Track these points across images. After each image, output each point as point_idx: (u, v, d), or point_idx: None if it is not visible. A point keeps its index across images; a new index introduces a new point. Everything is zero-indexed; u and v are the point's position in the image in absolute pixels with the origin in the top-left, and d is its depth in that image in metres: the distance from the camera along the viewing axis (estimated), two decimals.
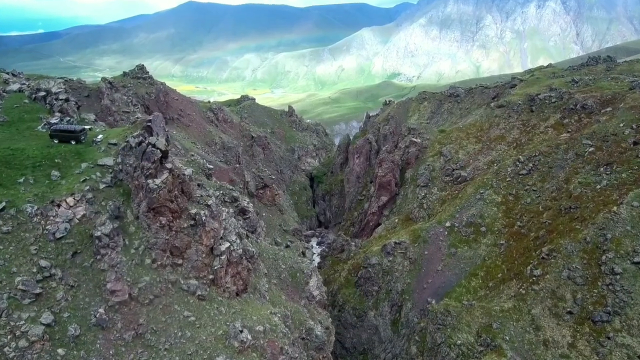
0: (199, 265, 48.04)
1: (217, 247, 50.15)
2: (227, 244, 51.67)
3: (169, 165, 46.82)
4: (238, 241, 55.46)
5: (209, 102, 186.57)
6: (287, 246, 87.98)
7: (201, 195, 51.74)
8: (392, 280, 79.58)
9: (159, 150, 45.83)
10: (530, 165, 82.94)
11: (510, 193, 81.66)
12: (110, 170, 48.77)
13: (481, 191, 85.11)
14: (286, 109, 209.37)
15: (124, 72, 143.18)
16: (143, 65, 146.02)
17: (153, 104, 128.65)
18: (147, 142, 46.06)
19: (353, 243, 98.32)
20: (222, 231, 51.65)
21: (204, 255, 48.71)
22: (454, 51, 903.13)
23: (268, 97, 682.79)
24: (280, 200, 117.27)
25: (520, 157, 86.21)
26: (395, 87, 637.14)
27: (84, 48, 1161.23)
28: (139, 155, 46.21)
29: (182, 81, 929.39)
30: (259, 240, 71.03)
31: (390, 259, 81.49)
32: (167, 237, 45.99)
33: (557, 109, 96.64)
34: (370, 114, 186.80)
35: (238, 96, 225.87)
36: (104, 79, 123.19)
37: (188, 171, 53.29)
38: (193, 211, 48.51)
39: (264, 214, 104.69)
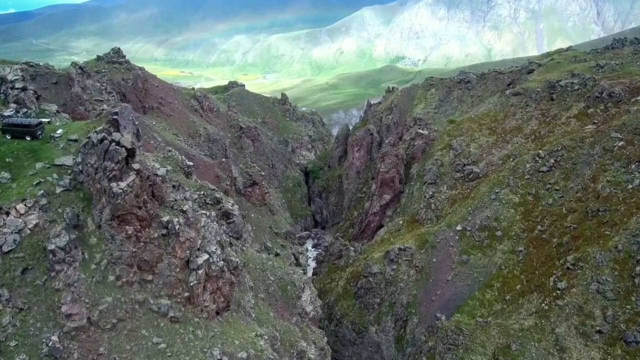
0: (171, 282, 45.24)
1: (194, 259, 47.32)
2: (206, 256, 48.84)
3: (136, 166, 43.75)
4: (219, 251, 52.67)
5: (193, 89, 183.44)
6: (277, 254, 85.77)
7: (175, 200, 48.81)
8: (396, 291, 77.51)
9: (124, 149, 42.72)
10: (552, 161, 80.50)
11: (529, 193, 79.39)
12: (69, 171, 45.79)
13: (496, 190, 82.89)
14: (279, 96, 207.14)
15: (97, 56, 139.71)
16: (119, 48, 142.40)
17: (130, 91, 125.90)
18: (110, 138, 42.95)
19: (352, 248, 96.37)
20: (199, 241, 48.82)
21: (177, 269, 45.91)
22: (464, 32, 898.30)
23: (260, 83, 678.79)
24: (271, 199, 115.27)
25: (540, 151, 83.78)
26: (399, 72, 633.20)
27: (59, 29, 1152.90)
28: (101, 154, 43.12)
29: (165, 65, 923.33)
30: (244, 248, 68.42)
31: (394, 267, 79.37)
32: (134, 250, 43.15)
33: (581, 97, 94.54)
34: (372, 102, 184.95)
35: (227, 82, 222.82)
36: (74, 64, 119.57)
37: (161, 171, 50.42)
38: (165, 218, 45.66)
39: (252, 215, 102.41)
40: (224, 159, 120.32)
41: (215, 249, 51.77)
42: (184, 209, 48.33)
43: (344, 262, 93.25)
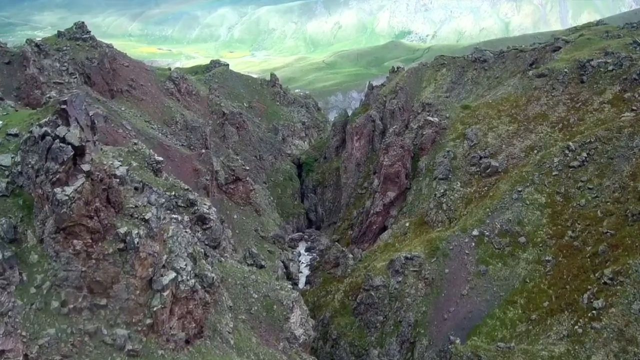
0: (130, 307, 42.05)
1: (158, 279, 44.04)
2: (173, 274, 45.60)
3: (86, 167, 40.31)
4: (190, 266, 49.53)
5: (169, 69, 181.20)
6: (262, 266, 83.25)
7: (136, 206, 45.45)
8: (402, 307, 75.16)
9: (70, 147, 39.30)
10: (584, 154, 78.30)
11: (557, 192, 77.31)
12: (7, 172, 42.48)
13: (519, 188, 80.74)
14: (269, 77, 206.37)
15: (58, 32, 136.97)
16: (83, 22, 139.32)
17: (96, 72, 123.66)
18: (53, 134, 39.54)
19: (350, 255, 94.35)
20: (165, 256, 45.60)
21: (138, 291, 42.68)
22: (478, 4, 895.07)
23: (248, 62, 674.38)
24: (257, 197, 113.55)
25: (570, 143, 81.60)
26: (405, 49, 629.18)
27: (20, 1, 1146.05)
28: (43, 152, 39.74)
29: (141, 41, 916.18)
30: (223, 259, 65.83)
31: (400, 279, 77.13)
32: (83, 269, 39.89)
33: (616, 80, 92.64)
34: (374, 84, 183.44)
35: (210, 60, 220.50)
36: (29, 41, 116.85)
37: (121, 170, 47.18)
38: (122, 230, 42.34)
39: (235, 216, 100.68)
40: (203, 150, 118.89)
41: (186, 265, 48.67)
42: (147, 217, 45.01)
43: (342, 271, 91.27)
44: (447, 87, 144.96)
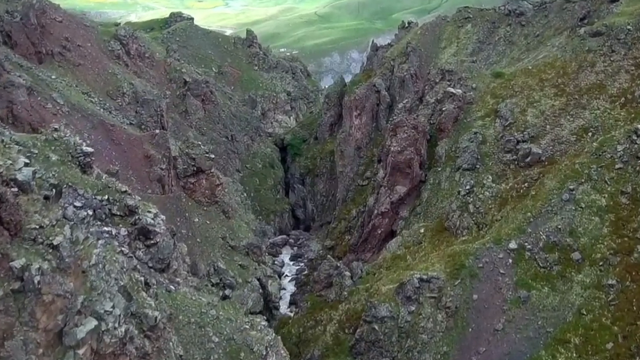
0: None
1: (71, 330, 39.17)
2: (93, 322, 40.69)
3: None
4: (121, 307, 44.62)
5: (117, 25, 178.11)
6: (225, 297, 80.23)
7: (41, 226, 40.50)
8: (416, 347, 71.74)
9: None
10: None
11: (623, 191, 74.06)
12: None
13: (570, 186, 77.19)
14: (245, 35, 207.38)
15: None
16: None
17: (18, 30, 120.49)
18: None
19: (347, 273, 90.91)
20: (82, 296, 40.66)
21: (41, 350, 37.90)
22: None
23: (220, 14, 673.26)
24: (226, 194, 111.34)
25: (639, 125, 78.46)
26: None
27: None
28: None
29: None
30: (174, 287, 61.65)
31: (413, 308, 73.41)
32: None
33: None
34: (379, 43, 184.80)
35: (170, 13, 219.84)
36: None
37: (24, 174, 42.28)
38: (19, 263, 37.45)
39: (196, 220, 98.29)
40: (158, 130, 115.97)
41: (113, 306, 43.84)
42: (56, 243, 40.18)
43: (336, 294, 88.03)
44: (472, 49, 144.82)
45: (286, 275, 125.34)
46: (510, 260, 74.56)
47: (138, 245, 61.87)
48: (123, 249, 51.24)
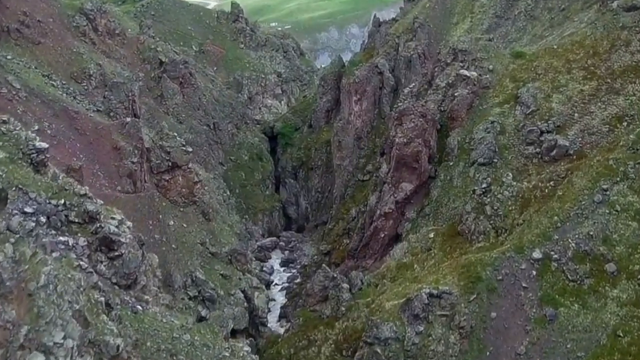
0: None
1: None
2: (39, 358, 37.91)
3: None
4: (75, 336, 41.61)
5: None
6: (202, 319, 78.06)
7: None
8: None
9: None
10: None
11: None
12: None
13: (603, 185, 75.54)
14: (229, 8, 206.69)
15: None
16: None
17: None
18: None
19: (346, 285, 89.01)
20: (26, 327, 37.72)
21: None
22: None
23: None
24: (206, 192, 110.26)
25: None
26: None
27: None
28: None
29: None
30: (141, 307, 59.36)
31: (422, 328, 71.40)
32: None
33: None
34: (382, 18, 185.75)
35: None
36: None
37: None
38: None
39: (171, 223, 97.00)
40: (129, 118, 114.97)
41: (65, 336, 40.93)
42: None
43: (332, 309, 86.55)
44: (489, 24, 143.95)
45: (276, 284, 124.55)
46: (534, 272, 73.18)
47: (100, 257, 59.43)
48: (81, 262, 49.05)
